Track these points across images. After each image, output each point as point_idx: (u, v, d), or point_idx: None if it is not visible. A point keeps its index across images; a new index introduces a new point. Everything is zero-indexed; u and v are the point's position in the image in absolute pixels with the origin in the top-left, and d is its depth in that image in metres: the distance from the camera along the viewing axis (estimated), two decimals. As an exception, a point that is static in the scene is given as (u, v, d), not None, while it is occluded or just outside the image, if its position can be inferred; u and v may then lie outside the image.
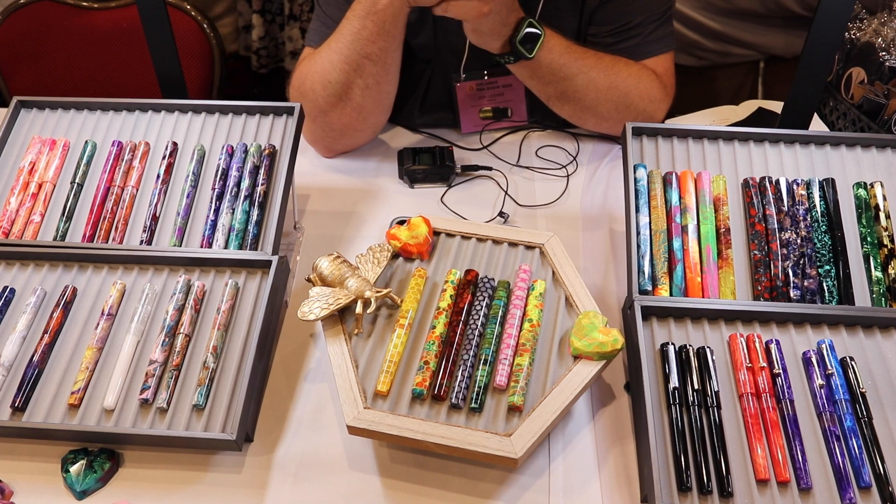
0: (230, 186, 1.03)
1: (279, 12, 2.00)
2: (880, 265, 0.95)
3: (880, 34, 1.28)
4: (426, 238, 0.97)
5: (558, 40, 1.13)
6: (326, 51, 1.15)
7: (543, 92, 1.19)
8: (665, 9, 1.20)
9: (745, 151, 1.05)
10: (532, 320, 0.89)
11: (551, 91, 1.18)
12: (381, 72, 1.14)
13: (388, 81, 1.17)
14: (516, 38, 1.09)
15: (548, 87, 1.17)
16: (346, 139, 1.23)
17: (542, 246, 0.98)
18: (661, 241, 0.96)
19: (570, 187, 1.20)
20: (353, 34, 1.11)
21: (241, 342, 0.91)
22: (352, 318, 0.90)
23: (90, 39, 1.74)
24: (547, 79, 1.16)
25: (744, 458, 0.80)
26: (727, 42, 1.66)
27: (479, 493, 0.84)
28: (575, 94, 1.17)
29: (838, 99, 1.35)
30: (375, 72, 1.13)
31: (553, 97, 1.19)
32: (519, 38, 1.09)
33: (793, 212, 0.98)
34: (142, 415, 0.86)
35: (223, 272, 0.98)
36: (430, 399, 0.84)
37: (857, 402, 0.83)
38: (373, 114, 1.20)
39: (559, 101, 1.20)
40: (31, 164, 1.06)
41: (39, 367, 0.89)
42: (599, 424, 0.90)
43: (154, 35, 1.16)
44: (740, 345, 0.88)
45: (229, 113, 1.11)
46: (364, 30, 1.10)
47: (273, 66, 2.09)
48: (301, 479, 0.85)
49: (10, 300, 0.95)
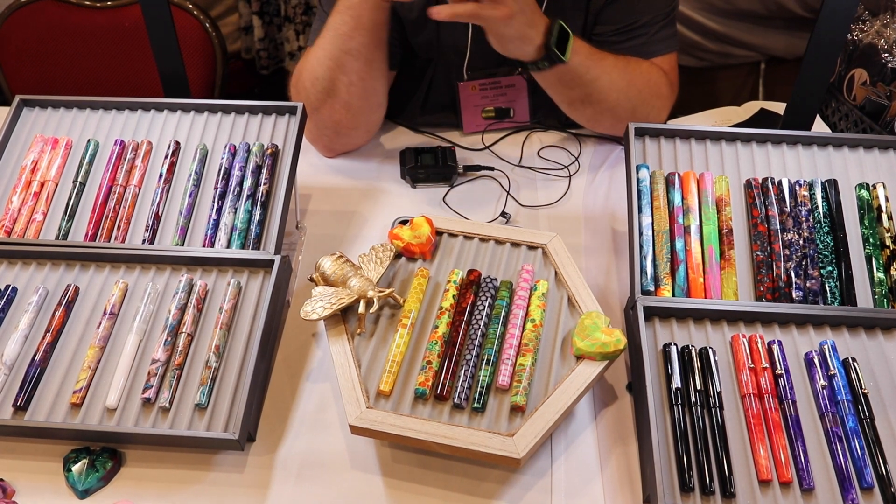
0: (232, 186, 1.03)
1: (276, 13, 2.01)
2: (882, 266, 0.95)
3: (883, 35, 1.28)
4: (429, 238, 0.97)
5: (579, 41, 1.10)
6: (315, 47, 1.15)
7: (567, 96, 1.16)
8: (669, 10, 1.21)
9: (748, 152, 1.05)
10: (535, 320, 0.89)
11: (575, 95, 1.15)
12: (363, 68, 1.13)
13: (372, 78, 1.15)
14: (552, 42, 1.05)
15: (573, 91, 1.14)
16: (342, 138, 1.22)
17: (544, 246, 0.98)
18: (663, 242, 0.96)
19: (573, 188, 1.20)
20: (334, 29, 1.11)
21: (243, 341, 0.91)
22: (354, 318, 0.90)
23: (93, 38, 1.74)
24: (573, 82, 1.12)
25: (746, 458, 0.80)
26: (728, 43, 1.66)
27: (481, 494, 0.84)
28: (598, 95, 1.14)
29: (840, 100, 1.36)
30: (358, 68, 1.12)
31: (577, 101, 1.16)
32: (555, 41, 1.05)
33: (795, 213, 0.98)
34: (144, 414, 0.86)
35: (225, 271, 0.98)
36: (432, 399, 0.84)
37: (859, 403, 0.83)
38: (362, 111, 1.19)
39: (581, 105, 1.17)
40: (34, 162, 1.06)
41: (41, 366, 0.89)
42: (602, 425, 0.90)
43: (157, 34, 1.16)
44: (743, 345, 0.88)
45: (232, 112, 1.11)
46: (343, 24, 1.09)
47: (275, 66, 2.09)
48: (303, 479, 0.85)
49: (13, 299, 0.95)
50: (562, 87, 1.15)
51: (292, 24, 1.99)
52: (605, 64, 1.13)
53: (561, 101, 1.19)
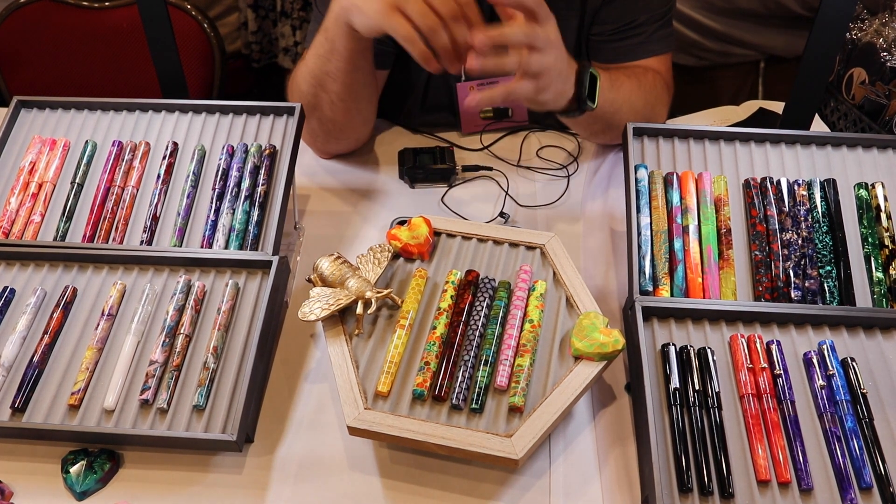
0: (230, 186, 1.03)
1: (272, 8, 2.01)
2: (881, 266, 0.95)
3: (881, 34, 1.28)
4: (427, 238, 0.97)
5: (602, 73, 1.06)
6: (303, 60, 1.13)
7: (590, 129, 1.16)
8: (666, 10, 1.21)
9: (747, 152, 1.05)
10: (533, 321, 0.89)
11: (599, 127, 1.14)
12: (343, 91, 1.10)
13: (353, 99, 1.12)
14: (584, 93, 1.00)
15: (596, 124, 1.13)
16: (331, 145, 1.22)
17: (542, 246, 0.98)
18: (661, 242, 0.96)
19: (571, 187, 1.20)
20: (315, 48, 1.09)
21: (241, 343, 0.91)
22: (352, 319, 0.90)
23: (90, 39, 1.74)
24: (599, 118, 1.11)
25: (745, 458, 0.80)
26: (727, 42, 1.66)
27: (479, 494, 0.84)
28: (619, 122, 1.11)
29: (839, 99, 1.35)
30: (337, 90, 1.10)
31: (599, 131, 1.17)
32: (587, 92, 1.01)
33: (794, 212, 0.98)
34: (142, 415, 0.86)
35: (223, 272, 0.98)
36: (430, 400, 0.84)
37: (858, 403, 0.83)
38: (347, 128, 1.17)
39: (602, 133, 1.17)
40: (32, 164, 1.06)
41: (39, 367, 0.89)
42: (600, 425, 0.90)
43: (154, 35, 1.16)
44: (741, 345, 0.88)
45: (230, 113, 1.11)
46: (321, 46, 1.07)
47: (267, 61, 2.09)
48: (301, 480, 0.85)
49: (10, 300, 0.95)
50: (587, 123, 1.14)
51: (289, 20, 1.99)
52: (624, 90, 1.11)
53: (584, 133, 1.20)
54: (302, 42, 2.01)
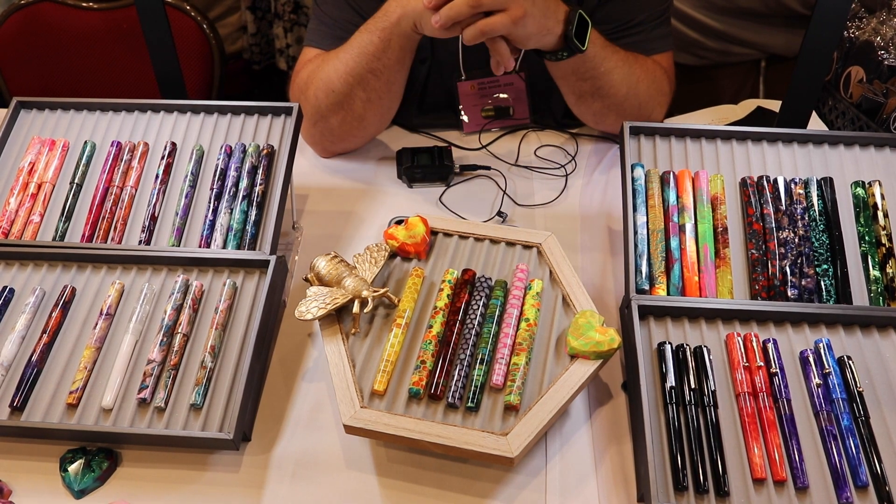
0: (228, 186, 1.03)
1: (268, 9, 2.02)
2: (878, 264, 0.95)
3: (879, 33, 1.28)
4: (423, 238, 0.97)
5: (594, 32, 1.09)
6: (334, 59, 1.15)
7: (578, 88, 1.16)
8: (663, 9, 1.21)
9: (743, 150, 1.05)
10: (529, 319, 0.89)
11: (587, 87, 1.15)
12: (383, 88, 1.15)
13: (390, 97, 1.18)
14: (571, 31, 1.03)
15: (585, 83, 1.14)
16: (344, 143, 1.24)
17: (539, 245, 0.98)
18: (658, 241, 0.96)
19: (569, 187, 1.20)
20: (361, 48, 1.12)
21: (238, 342, 0.91)
22: (349, 318, 0.90)
23: (90, 40, 1.75)
24: (588, 73, 1.12)
25: (740, 457, 0.80)
26: (728, 41, 1.66)
27: (475, 493, 0.84)
28: (610, 89, 1.13)
29: (837, 98, 1.35)
30: (378, 87, 1.14)
31: (587, 94, 1.16)
32: (574, 30, 1.03)
33: (791, 211, 0.98)
34: (140, 414, 0.86)
35: (221, 272, 0.98)
36: (426, 398, 0.84)
37: (854, 402, 0.83)
38: (373, 124, 1.21)
39: (591, 99, 1.17)
40: (31, 164, 1.06)
41: (38, 366, 0.89)
42: (596, 424, 0.90)
43: (153, 35, 1.17)
44: (737, 344, 0.88)
45: (228, 113, 1.11)
46: (371, 45, 1.11)
47: (266, 62, 2.10)
48: (298, 479, 0.85)
49: (10, 300, 0.96)
50: (575, 79, 1.14)
51: (281, 21, 2.00)
52: (618, 57, 1.13)
53: (571, 94, 1.18)
54: (294, 44, 2.02)
